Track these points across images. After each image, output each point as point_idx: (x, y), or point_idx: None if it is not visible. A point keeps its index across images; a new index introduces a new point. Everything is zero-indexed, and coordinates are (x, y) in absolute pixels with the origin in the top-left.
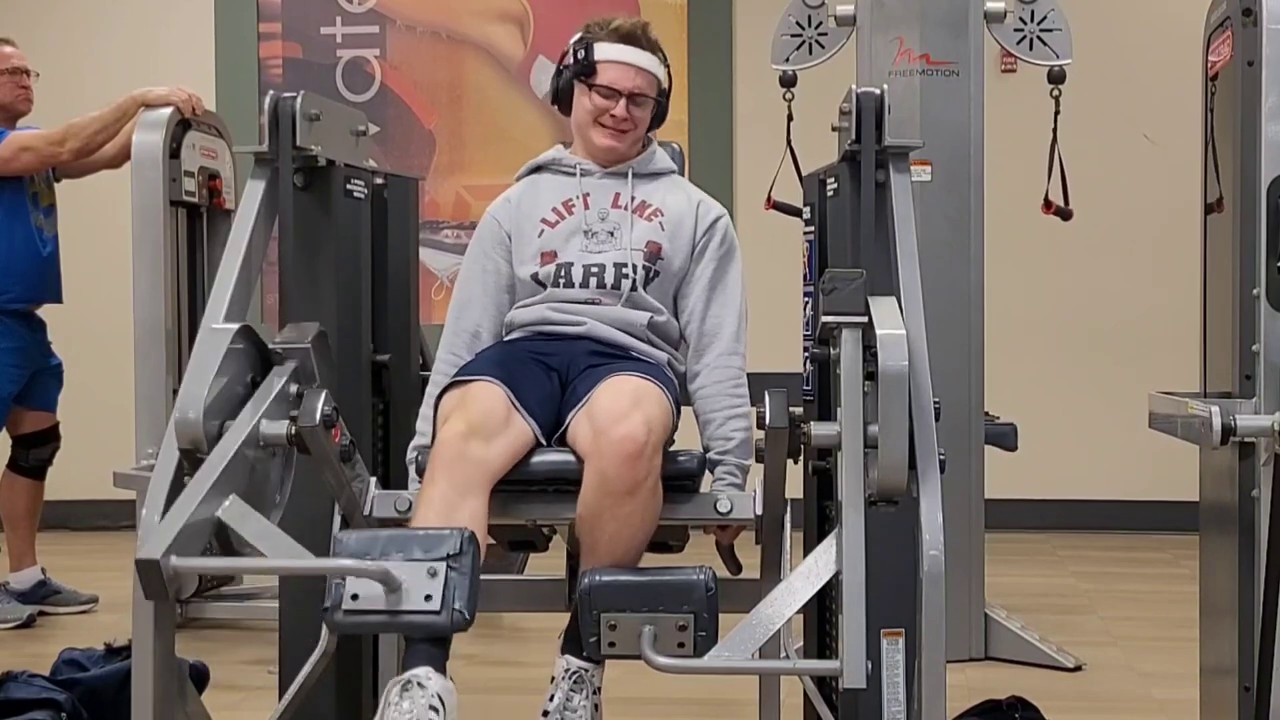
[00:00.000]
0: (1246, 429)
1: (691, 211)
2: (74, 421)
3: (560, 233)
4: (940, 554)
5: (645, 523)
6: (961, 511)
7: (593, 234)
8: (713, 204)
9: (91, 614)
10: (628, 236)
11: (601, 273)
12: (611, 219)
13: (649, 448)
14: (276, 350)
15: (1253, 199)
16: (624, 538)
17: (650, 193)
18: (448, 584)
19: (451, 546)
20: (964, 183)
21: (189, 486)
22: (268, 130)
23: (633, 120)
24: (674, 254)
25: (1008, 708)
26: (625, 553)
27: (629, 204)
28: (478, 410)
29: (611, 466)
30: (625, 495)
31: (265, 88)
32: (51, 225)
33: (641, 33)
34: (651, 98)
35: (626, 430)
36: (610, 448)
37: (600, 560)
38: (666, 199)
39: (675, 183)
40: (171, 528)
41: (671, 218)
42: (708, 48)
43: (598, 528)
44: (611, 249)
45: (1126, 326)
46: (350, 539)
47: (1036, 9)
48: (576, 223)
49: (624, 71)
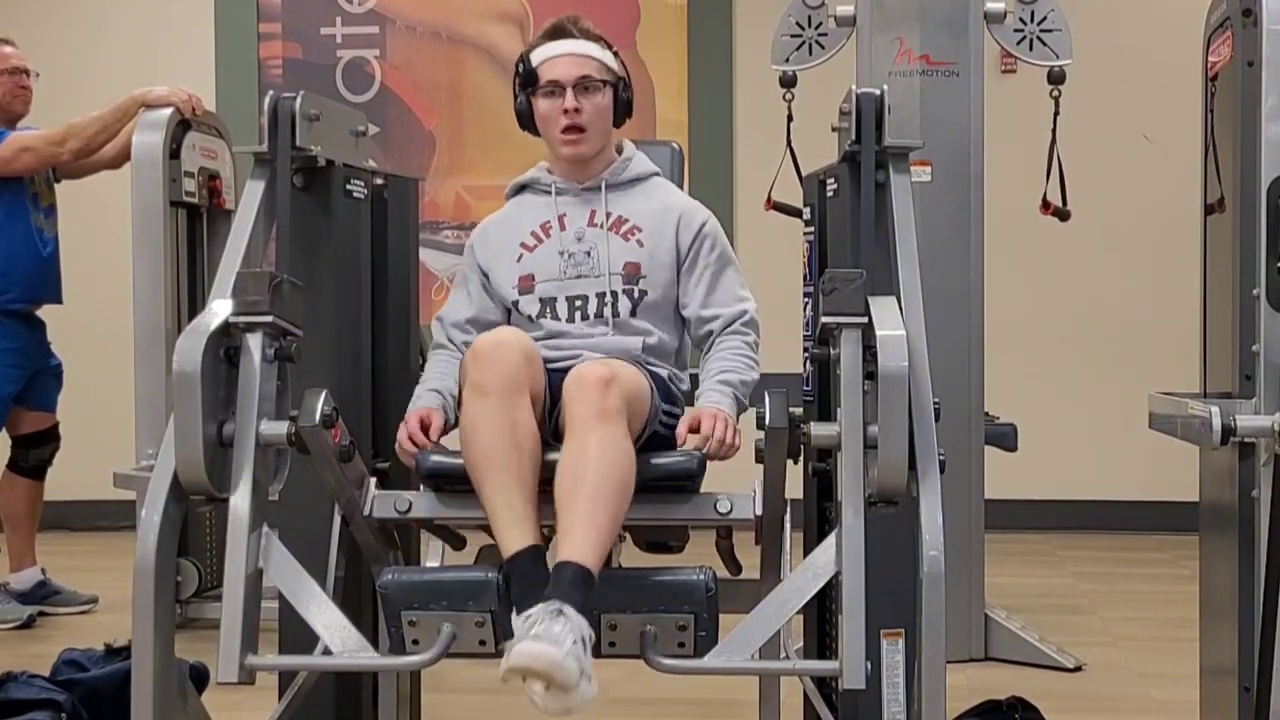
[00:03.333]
0: (1246, 429)
1: (672, 224)
2: (74, 421)
3: (538, 257)
4: (940, 554)
5: (619, 459)
6: (961, 511)
7: (569, 255)
8: (695, 211)
9: (91, 614)
10: (604, 259)
11: (585, 305)
12: (588, 238)
13: (616, 384)
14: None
15: (1253, 199)
16: (600, 470)
17: (627, 205)
18: (499, 636)
19: (491, 600)
20: (964, 183)
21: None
22: (267, 130)
23: (587, 111)
24: (655, 270)
25: (1008, 708)
26: (603, 483)
27: (604, 221)
28: (513, 334)
29: (580, 402)
30: (596, 420)
31: (265, 88)
32: (51, 226)
33: (571, 24)
34: (601, 82)
35: (597, 372)
36: (582, 384)
37: (579, 504)
38: (644, 212)
39: (654, 189)
40: (235, 633)
41: (649, 232)
42: (708, 48)
43: (573, 467)
44: (590, 274)
45: (1126, 326)
46: (396, 591)
47: (1036, 9)
48: (553, 246)
49: (560, 63)
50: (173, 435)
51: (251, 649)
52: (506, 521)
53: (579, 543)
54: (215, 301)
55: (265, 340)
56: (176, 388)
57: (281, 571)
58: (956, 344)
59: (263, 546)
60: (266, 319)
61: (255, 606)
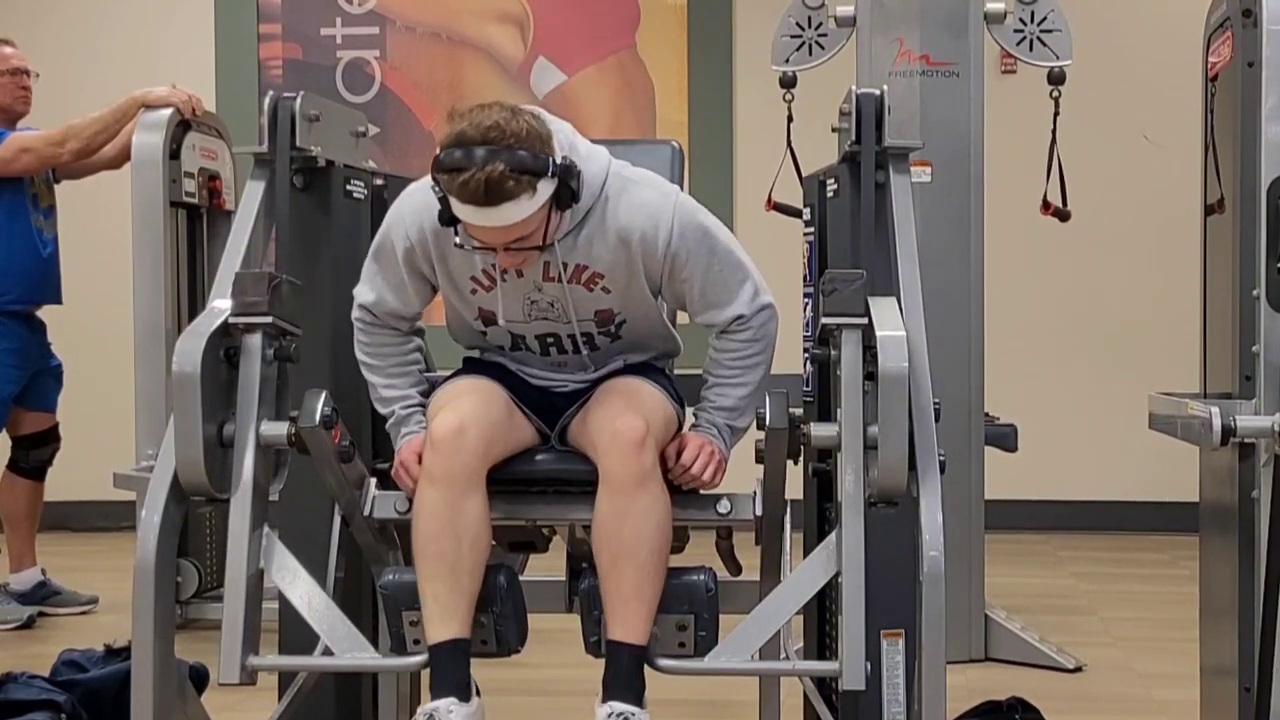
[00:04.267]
0: (1246, 430)
1: (635, 261)
2: (74, 422)
3: (496, 297)
4: (940, 554)
5: (662, 521)
6: (961, 512)
7: (532, 302)
8: (653, 230)
9: (91, 615)
10: (570, 310)
11: (559, 341)
12: (548, 292)
13: (649, 438)
14: (238, 324)
15: (1253, 200)
16: (645, 539)
17: (582, 250)
18: (500, 636)
19: (496, 601)
20: (964, 183)
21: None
22: (267, 131)
23: (524, 254)
24: (631, 305)
25: (1008, 709)
26: (648, 557)
27: (561, 273)
28: (475, 402)
29: (618, 460)
30: (636, 488)
31: (265, 88)
32: (51, 226)
33: (488, 193)
34: (534, 228)
35: (631, 429)
36: (616, 442)
37: (626, 579)
38: (601, 254)
39: (606, 218)
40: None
41: (614, 278)
42: (708, 48)
43: (617, 533)
44: (558, 320)
45: (1126, 327)
46: (397, 591)
47: (1036, 10)
48: (510, 289)
49: (485, 233)
50: (173, 436)
51: (253, 649)
52: (431, 613)
53: (631, 622)
54: (215, 302)
55: (265, 340)
56: (176, 388)
57: (282, 572)
58: (956, 344)
59: (263, 547)
60: (266, 319)
61: (256, 607)
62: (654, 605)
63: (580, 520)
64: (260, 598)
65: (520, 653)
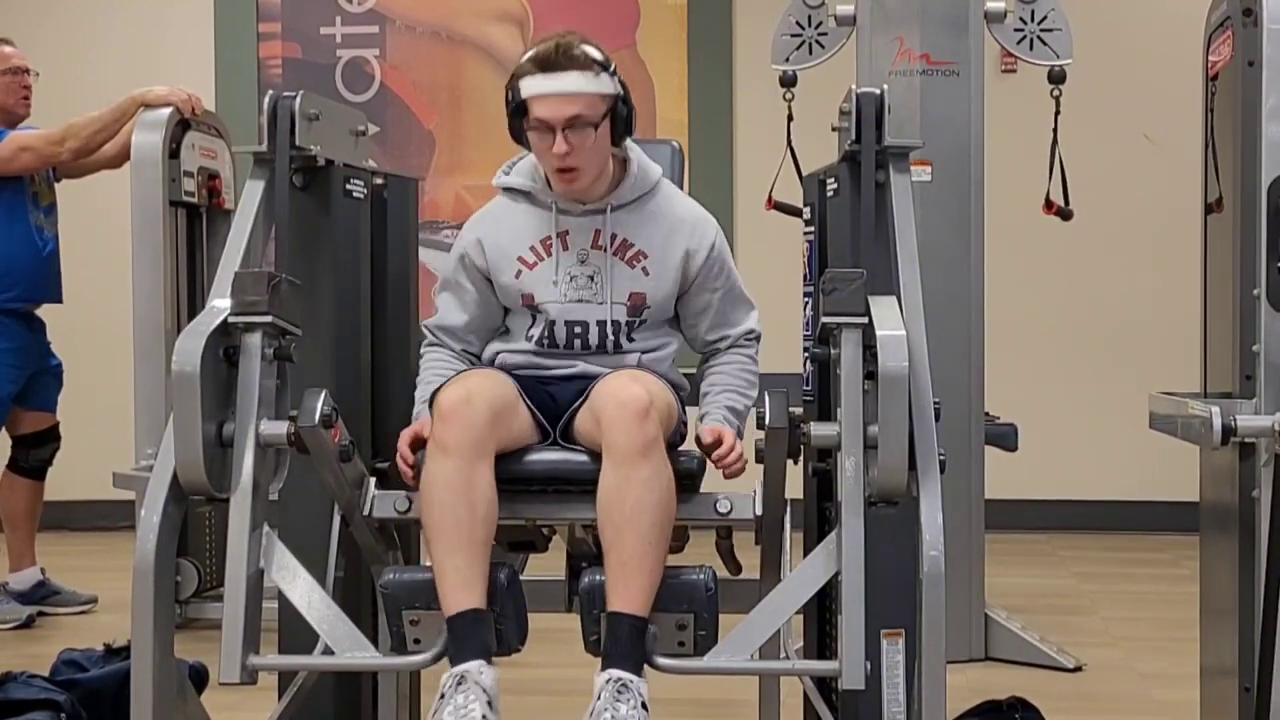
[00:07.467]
0: (1247, 429)
1: (679, 253)
2: (74, 421)
3: (538, 276)
4: (940, 554)
5: (664, 496)
6: (961, 511)
7: (572, 278)
8: (701, 233)
9: (91, 614)
10: (608, 287)
11: (586, 333)
12: (592, 261)
13: (653, 410)
14: (237, 324)
15: (1253, 199)
16: (647, 509)
17: (633, 228)
18: (500, 636)
19: (496, 601)
20: (964, 183)
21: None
22: (267, 130)
23: (578, 151)
24: (659, 300)
25: (1008, 708)
26: (650, 528)
27: (609, 244)
28: (484, 384)
29: (622, 431)
30: (640, 457)
31: (265, 88)
32: (51, 225)
33: (560, 53)
34: (593, 119)
35: (635, 398)
36: (621, 411)
37: (628, 548)
38: (651, 235)
39: (659, 204)
40: (236, 633)
41: (655, 260)
42: (708, 48)
43: (620, 503)
44: (593, 300)
45: (1127, 327)
46: (398, 590)
47: (1037, 9)
48: (555, 265)
49: (549, 104)
50: (172, 435)
51: (253, 649)
52: (452, 583)
53: (632, 592)
54: (215, 301)
55: (264, 340)
56: (176, 387)
57: (281, 571)
58: (956, 344)
59: (263, 546)
60: (265, 319)
61: (256, 606)
62: (655, 578)
63: (580, 520)
64: (260, 597)
65: (520, 652)
